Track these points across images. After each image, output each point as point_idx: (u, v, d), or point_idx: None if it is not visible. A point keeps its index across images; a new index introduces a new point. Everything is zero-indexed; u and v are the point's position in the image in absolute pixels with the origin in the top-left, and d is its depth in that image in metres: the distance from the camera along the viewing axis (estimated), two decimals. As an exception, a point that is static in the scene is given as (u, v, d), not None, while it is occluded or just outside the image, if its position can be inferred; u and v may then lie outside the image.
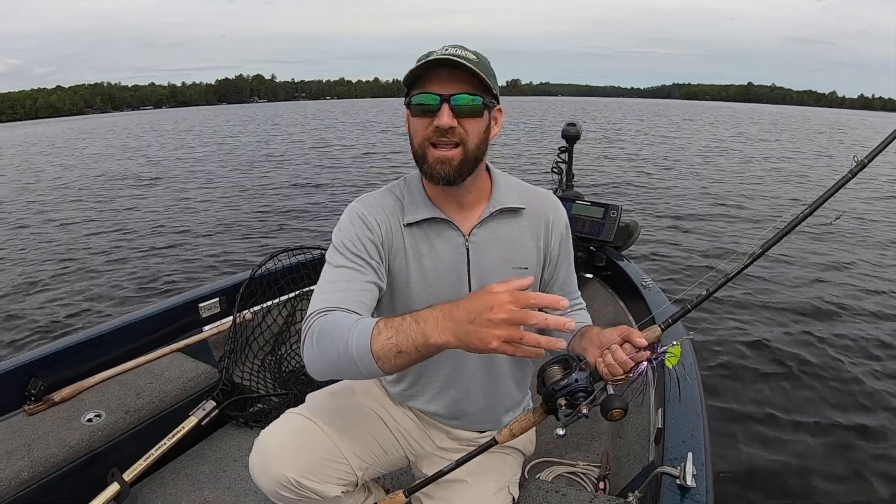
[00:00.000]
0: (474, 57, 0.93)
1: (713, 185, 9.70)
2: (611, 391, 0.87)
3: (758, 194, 8.90)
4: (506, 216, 1.05)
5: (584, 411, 0.86)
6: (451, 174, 0.94)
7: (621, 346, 0.88)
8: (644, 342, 0.86)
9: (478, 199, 1.04)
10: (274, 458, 0.98)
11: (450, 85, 0.90)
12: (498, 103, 0.99)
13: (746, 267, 0.90)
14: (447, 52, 0.91)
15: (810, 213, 0.89)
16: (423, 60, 0.91)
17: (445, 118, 0.90)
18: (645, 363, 0.86)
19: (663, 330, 0.90)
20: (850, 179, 0.90)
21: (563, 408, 0.87)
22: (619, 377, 0.87)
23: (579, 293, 1.19)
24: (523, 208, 1.06)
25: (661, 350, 0.88)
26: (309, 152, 16.22)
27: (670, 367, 0.88)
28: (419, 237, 1.02)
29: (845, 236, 6.11)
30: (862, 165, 0.89)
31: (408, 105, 0.95)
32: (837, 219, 0.89)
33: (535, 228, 1.07)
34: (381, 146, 17.80)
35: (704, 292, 0.91)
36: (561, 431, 0.87)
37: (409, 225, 1.02)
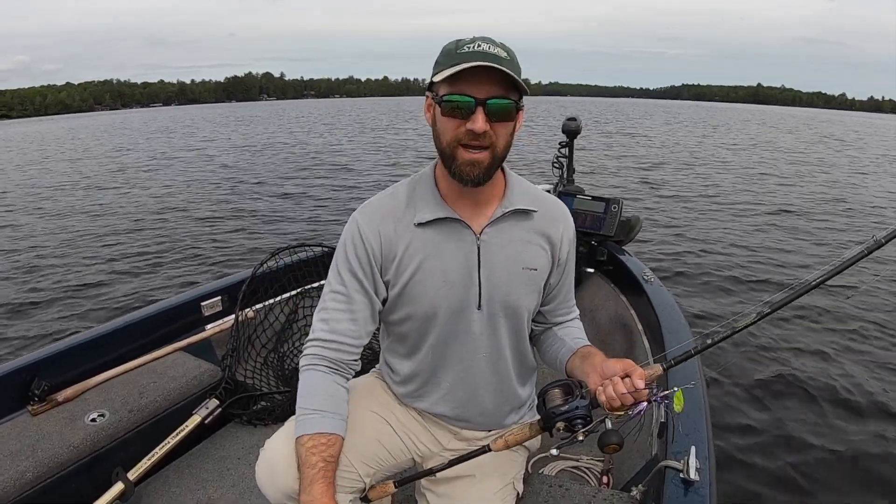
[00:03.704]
0: (506, 54, 0.90)
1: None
2: (609, 425, 0.90)
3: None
4: (518, 217, 1.05)
5: (581, 438, 0.90)
6: (480, 176, 0.94)
7: (622, 379, 0.89)
8: (642, 384, 0.87)
9: (491, 198, 1.03)
10: (281, 471, 0.98)
11: (484, 86, 0.88)
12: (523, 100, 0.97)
13: (754, 323, 0.92)
14: (479, 47, 0.89)
15: (820, 283, 0.92)
16: (460, 62, 0.87)
17: (480, 123, 0.89)
18: (644, 403, 0.88)
19: (665, 371, 0.93)
20: (865, 256, 0.90)
21: (561, 431, 0.91)
22: (619, 412, 0.89)
23: (575, 302, 1.21)
24: (535, 211, 1.05)
25: (663, 394, 0.90)
26: (311, 149, 16.22)
27: (678, 411, 0.92)
28: (430, 237, 1.01)
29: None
30: (878, 245, 0.89)
31: (438, 102, 0.92)
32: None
33: (546, 232, 1.07)
34: (381, 144, 17.79)
35: (710, 341, 0.94)
36: (555, 452, 0.94)
37: (419, 225, 1.01)
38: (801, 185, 10.29)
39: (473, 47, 0.89)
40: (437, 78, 0.90)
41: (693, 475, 0.97)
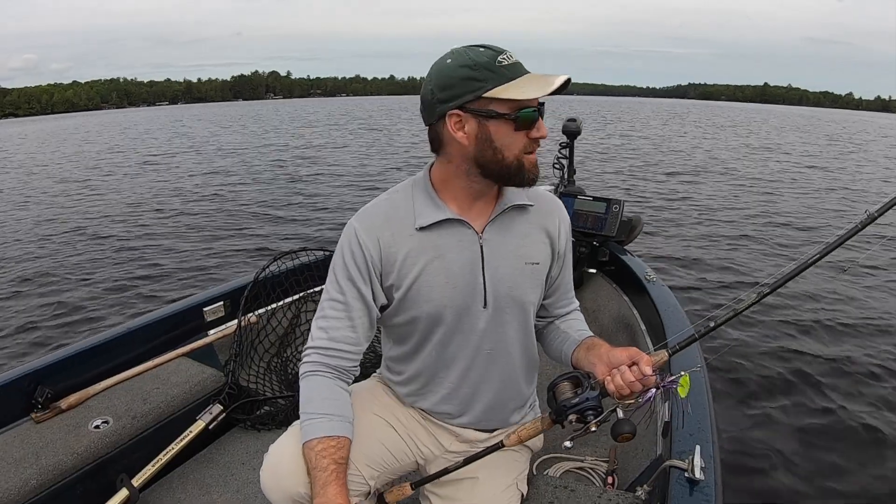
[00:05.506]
0: None
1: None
2: (620, 414, 0.92)
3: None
4: (515, 213, 1.06)
5: (593, 429, 0.92)
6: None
7: (629, 367, 0.92)
8: (650, 370, 0.90)
9: (489, 196, 1.05)
10: (285, 475, 0.98)
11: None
12: None
13: (755, 303, 0.95)
14: (512, 59, 0.92)
15: (817, 260, 0.94)
16: (516, 76, 0.90)
17: (545, 129, 0.95)
18: (653, 390, 0.91)
19: (671, 355, 0.96)
20: (859, 231, 0.93)
21: (573, 423, 0.93)
22: (628, 399, 0.92)
23: (574, 294, 1.23)
24: (531, 205, 1.07)
25: (671, 379, 0.91)
26: (313, 152, 16.23)
27: (682, 396, 0.94)
28: (431, 239, 1.01)
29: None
30: (872, 219, 0.92)
31: (502, 117, 0.91)
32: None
33: (543, 225, 1.09)
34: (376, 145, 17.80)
35: (712, 324, 0.96)
36: (568, 444, 0.95)
37: (421, 229, 1.01)
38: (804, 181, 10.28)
39: (507, 58, 0.91)
40: (506, 94, 0.90)
41: (698, 474, 0.96)
